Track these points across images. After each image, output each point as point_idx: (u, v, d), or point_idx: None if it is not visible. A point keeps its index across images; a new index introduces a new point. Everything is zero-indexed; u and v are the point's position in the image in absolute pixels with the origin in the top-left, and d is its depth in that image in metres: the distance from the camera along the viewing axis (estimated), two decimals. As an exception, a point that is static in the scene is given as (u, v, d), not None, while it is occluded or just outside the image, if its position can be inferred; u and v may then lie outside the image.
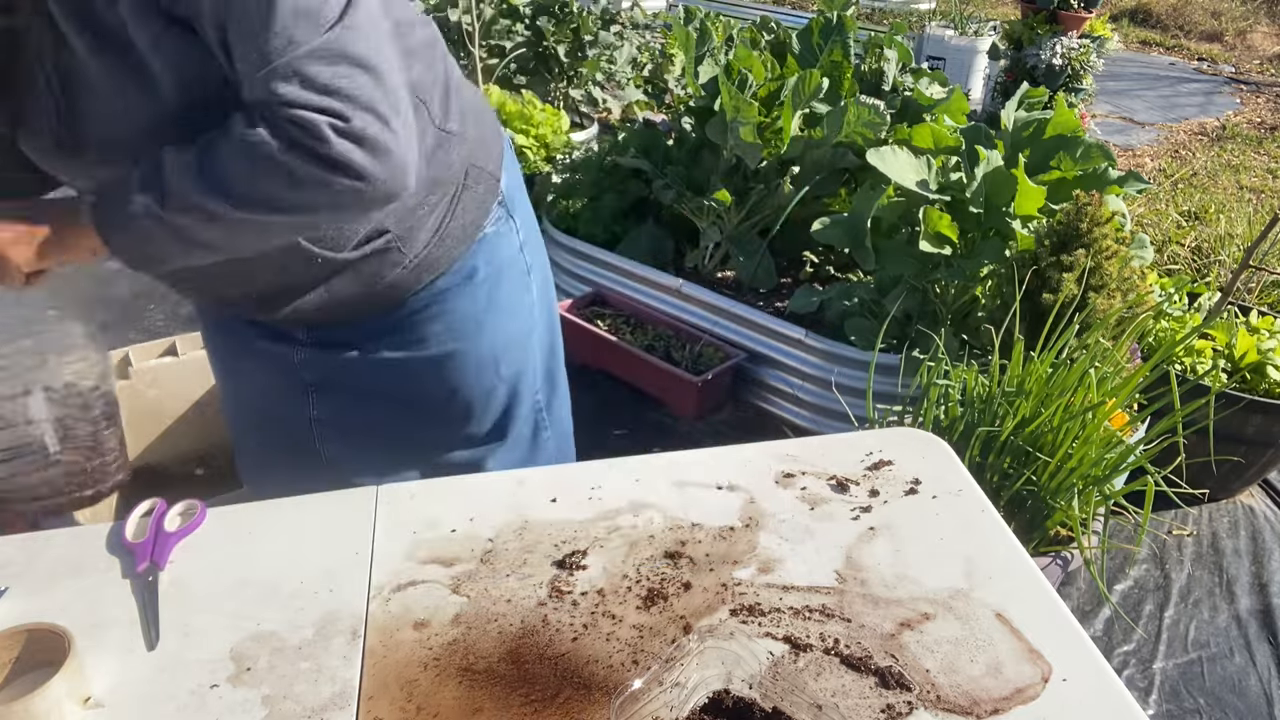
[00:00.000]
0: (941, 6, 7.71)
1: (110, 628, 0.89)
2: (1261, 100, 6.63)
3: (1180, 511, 2.56)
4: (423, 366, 1.26)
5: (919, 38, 5.88)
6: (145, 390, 2.10)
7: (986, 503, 1.09)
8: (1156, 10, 8.79)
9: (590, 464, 1.15)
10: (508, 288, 1.30)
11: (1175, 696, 2.01)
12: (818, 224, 2.64)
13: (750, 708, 0.82)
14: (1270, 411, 2.36)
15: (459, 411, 1.32)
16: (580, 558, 0.99)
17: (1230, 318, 2.67)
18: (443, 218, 1.17)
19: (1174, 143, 5.58)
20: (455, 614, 0.91)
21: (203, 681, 0.84)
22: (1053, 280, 1.99)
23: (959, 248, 2.38)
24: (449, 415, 1.32)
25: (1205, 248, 3.95)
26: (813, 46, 3.38)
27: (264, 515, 1.06)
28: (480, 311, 1.27)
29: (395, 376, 1.26)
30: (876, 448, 1.18)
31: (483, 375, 1.30)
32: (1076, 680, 0.85)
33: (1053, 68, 4.54)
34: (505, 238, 1.29)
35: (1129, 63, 7.41)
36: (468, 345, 1.27)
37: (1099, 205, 2.00)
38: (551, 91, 4.62)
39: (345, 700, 0.82)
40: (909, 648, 0.88)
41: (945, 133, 2.61)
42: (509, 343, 1.32)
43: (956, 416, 1.80)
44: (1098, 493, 1.70)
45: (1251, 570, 2.40)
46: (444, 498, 1.08)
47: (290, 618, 0.91)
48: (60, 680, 0.78)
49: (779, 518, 1.05)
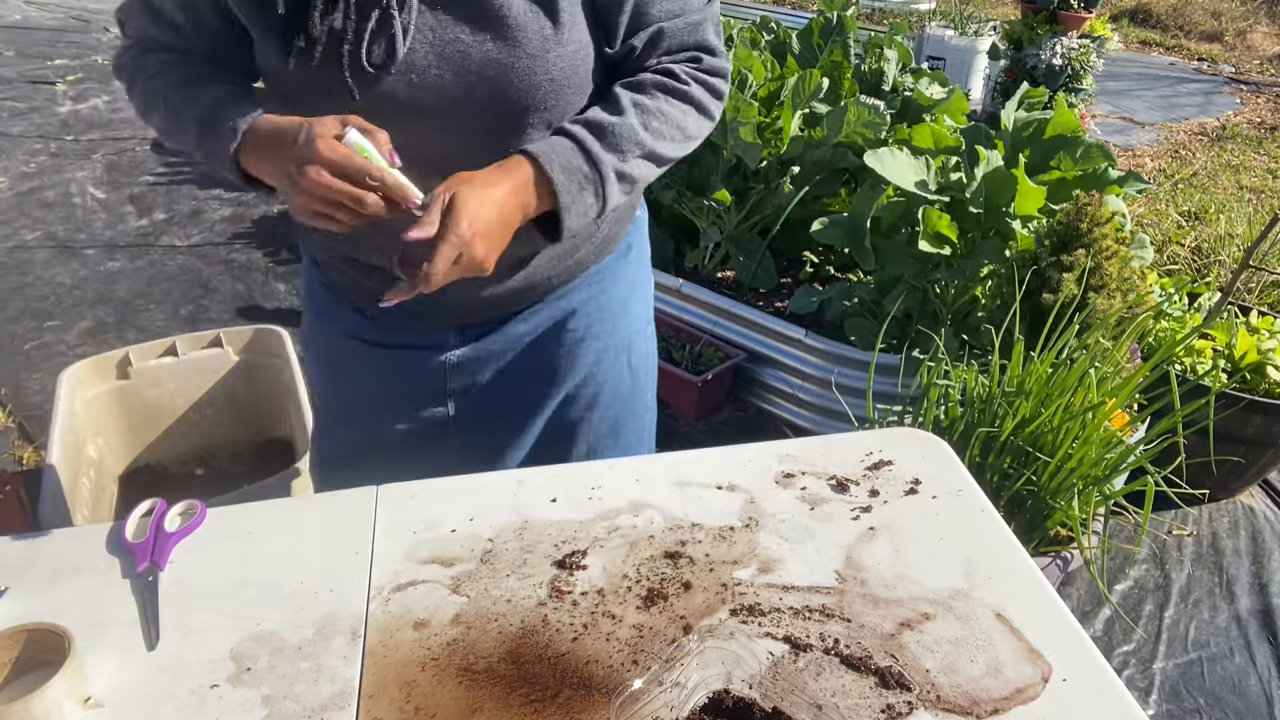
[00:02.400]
0: (941, 6, 7.71)
1: (110, 628, 0.89)
2: (1261, 100, 6.63)
3: (1180, 511, 2.56)
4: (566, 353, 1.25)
5: (919, 38, 5.88)
6: (145, 390, 2.10)
7: (986, 503, 1.09)
8: (1156, 10, 8.78)
9: (590, 464, 1.15)
10: (644, 271, 1.34)
11: (1175, 696, 2.01)
12: (818, 224, 2.64)
13: (750, 708, 0.82)
14: (1270, 411, 2.36)
15: (585, 403, 1.30)
16: (580, 558, 0.99)
17: (1230, 318, 2.67)
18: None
19: (1174, 143, 5.58)
20: (455, 614, 0.91)
21: (203, 681, 0.84)
22: (1053, 280, 1.99)
23: (959, 248, 2.38)
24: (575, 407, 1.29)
25: (1205, 248, 3.95)
26: (813, 46, 3.38)
27: (264, 515, 1.06)
28: (626, 292, 1.29)
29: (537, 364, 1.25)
30: (876, 448, 1.18)
31: (618, 362, 1.30)
32: (1076, 680, 0.85)
33: (1053, 68, 4.54)
34: (643, 219, 1.34)
35: (1129, 63, 7.41)
36: (610, 328, 1.27)
37: (1099, 205, 1.99)
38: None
39: (345, 700, 0.82)
40: (909, 648, 0.88)
41: (945, 133, 2.61)
42: (638, 331, 1.33)
43: (956, 416, 1.80)
44: (1098, 493, 1.70)
45: (1251, 570, 2.40)
46: (444, 498, 1.07)
47: (290, 618, 0.91)
48: (60, 680, 0.78)
49: (779, 518, 1.05)
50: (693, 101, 1.09)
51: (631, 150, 1.04)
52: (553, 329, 1.24)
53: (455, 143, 1.02)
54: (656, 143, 1.06)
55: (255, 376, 2.19)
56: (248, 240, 3.91)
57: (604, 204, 1.04)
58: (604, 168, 1.02)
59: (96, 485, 1.95)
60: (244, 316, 3.33)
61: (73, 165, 4.58)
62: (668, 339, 2.93)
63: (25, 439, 2.64)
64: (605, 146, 1.02)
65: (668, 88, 1.07)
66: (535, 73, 0.99)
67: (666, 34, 1.07)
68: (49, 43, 6.67)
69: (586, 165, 1.01)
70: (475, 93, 0.98)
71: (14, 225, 3.92)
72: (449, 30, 0.97)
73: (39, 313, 3.30)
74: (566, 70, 1.01)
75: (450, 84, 0.98)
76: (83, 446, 1.93)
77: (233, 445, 2.23)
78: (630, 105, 1.04)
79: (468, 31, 0.97)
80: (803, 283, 3.07)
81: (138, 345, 2.11)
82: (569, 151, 1.00)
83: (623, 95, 1.05)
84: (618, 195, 1.05)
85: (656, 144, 1.06)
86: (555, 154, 1.00)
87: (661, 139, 1.06)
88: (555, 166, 0.99)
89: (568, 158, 1.00)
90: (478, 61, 0.97)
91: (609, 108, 1.05)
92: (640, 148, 1.05)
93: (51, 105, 5.42)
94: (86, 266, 3.62)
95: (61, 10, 7.70)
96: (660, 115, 1.06)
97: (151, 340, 2.13)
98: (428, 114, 0.99)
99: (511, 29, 0.97)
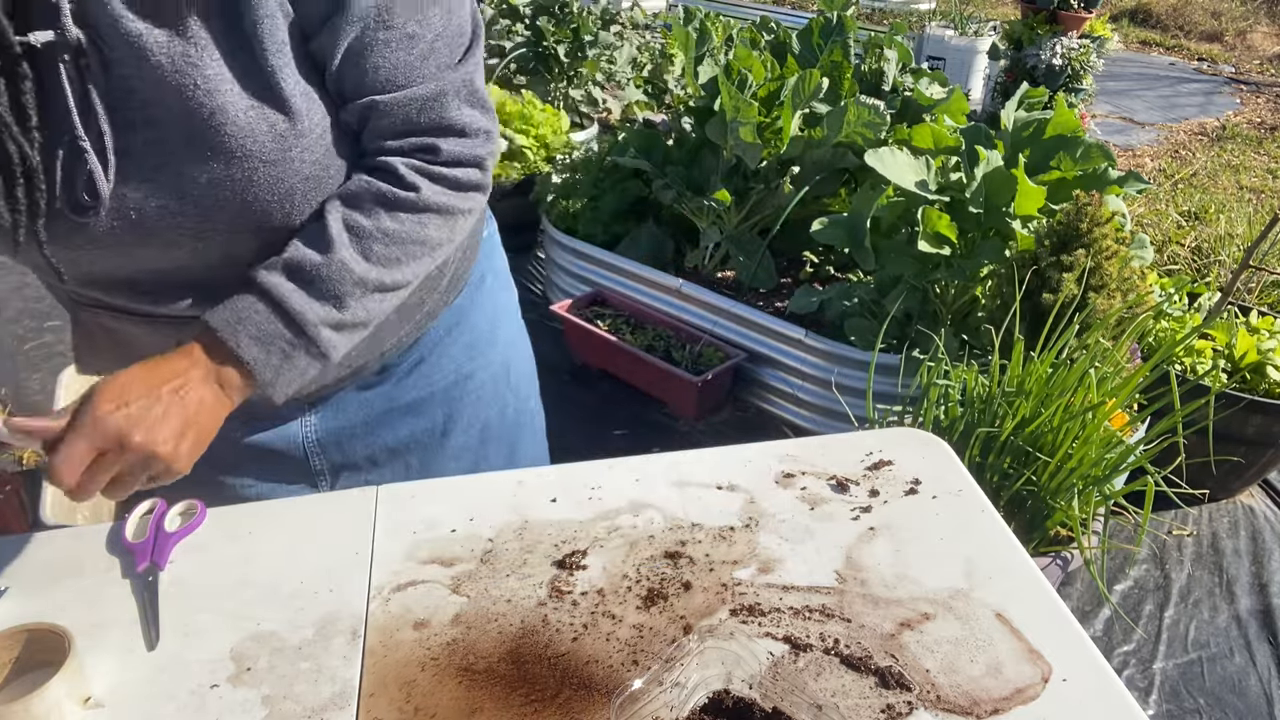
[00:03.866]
0: (941, 6, 7.71)
1: (110, 628, 0.89)
2: (1261, 100, 6.63)
3: (1180, 511, 2.56)
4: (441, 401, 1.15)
5: (919, 38, 5.88)
6: (145, 390, 2.10)
7: (986, 503, 1.09)
8: (1156, 10, 8.78)
9: (590, 464, 1.15)
10: (502, 289, 1.23)
11: (1175, 696, 2.01)
12: (817, 224, 2.64)
13: (750, 708, 0.82)
14: (1270, 411, 2.36)
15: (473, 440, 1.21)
16: (580, 558, 0.99)
17: (1230, 318, 2.67)
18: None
19: (1174, 143, 5.58)
20: (455, 614, 0.91)
21: (203, 681, 0.84)
22: (1053, 280, 1.99)
23: (959, 248, 2.38)
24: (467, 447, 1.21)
25: (1205, 248, 3.95)
26: (813, 46, 3.38)
27: (264, 515, 1.06)
28: (489, 322, 1.19)
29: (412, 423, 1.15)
30: (876, 448, 1.18)
31: (499, 392, 1.21)
32: (1076, 680, 0.85)
33: (1053, 68, 4.54)
34: (492, 237, 1.21)
35: (1129, 63, 7.41)
36: (484, 361, 1.18)
37: (1099, 205, 1.99)
38: (551, 92, 4.62)
39: (345, 700, 0.82)
40: (909, 648, 0.88)
41: (945, 133, 2.61)
42: (510, 349, 1.24)
43: (956, 416, 1.80)
44: (1098, 493, 1.70)
45: (1251, 570, 2.40)
46: (444, 498, 1.07)
47: (290, 618, 0.91)
48: (60, 680, 0.78)
49: (779, 518, 1.05)
50: (428, 208, 0.88)
51: (350, 293, 0.85)
52: (419, 382, 1.12)
53: (220, 253, 0.86)
54: (386, 272, 0.87)
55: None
56: (248, 240, 3.91)
57: (326, 358, 0.87)
58: (311, 327, 0.84)
59: (96, 485, 1.95)
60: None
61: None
62: (668, 339, 2.93)
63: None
64: (312, 295, 0.84)
65: (388, 199, 0.86)
66: (283, 180, 0.82)
67: (381, 110, 0.85)
68: (49, 42, 6.66)
69: (287, 329, 0.84)
70: (216, 216, 0.82)
71: (14, 225, 3.92)
72: (159, 158, 0.79)
73: (39, 313, 3.30)
74: (321, 159, 0.84)
75: (181, 213, 0.81)
76: (83, 446, 1.93)
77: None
78: (340, 234, 0.85)
79: (181, 157, 0.79)
80: (803, 283, 3.07)
81: (138, 345, 2.10)
82: (262, 317, 0.83)
83: (332, 219, 0.85)
84: (344, 345, 0.88)
85: (386, 273, 0.87)
86: (242, 323, 0.82)
87: (392, 265, 0.88)
88: (244, 339, 0.82)
89: (260, 325, 0.83)
90: (204, 185, 0.80)
91: (315, 240, 0.85)
92: (362, 286, 0.86)
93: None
94: (86, 266, 3.62)
95: (61, 10, 7.69)
96: (384, 237, 0.86)
97: (151, 340, 2.13)
98: (171, 245, 0.83)
99: (235, 141, 0.78)
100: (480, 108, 0.91)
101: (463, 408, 1.18)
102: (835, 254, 3.13)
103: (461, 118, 0.89)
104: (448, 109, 0.88)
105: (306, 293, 0.84)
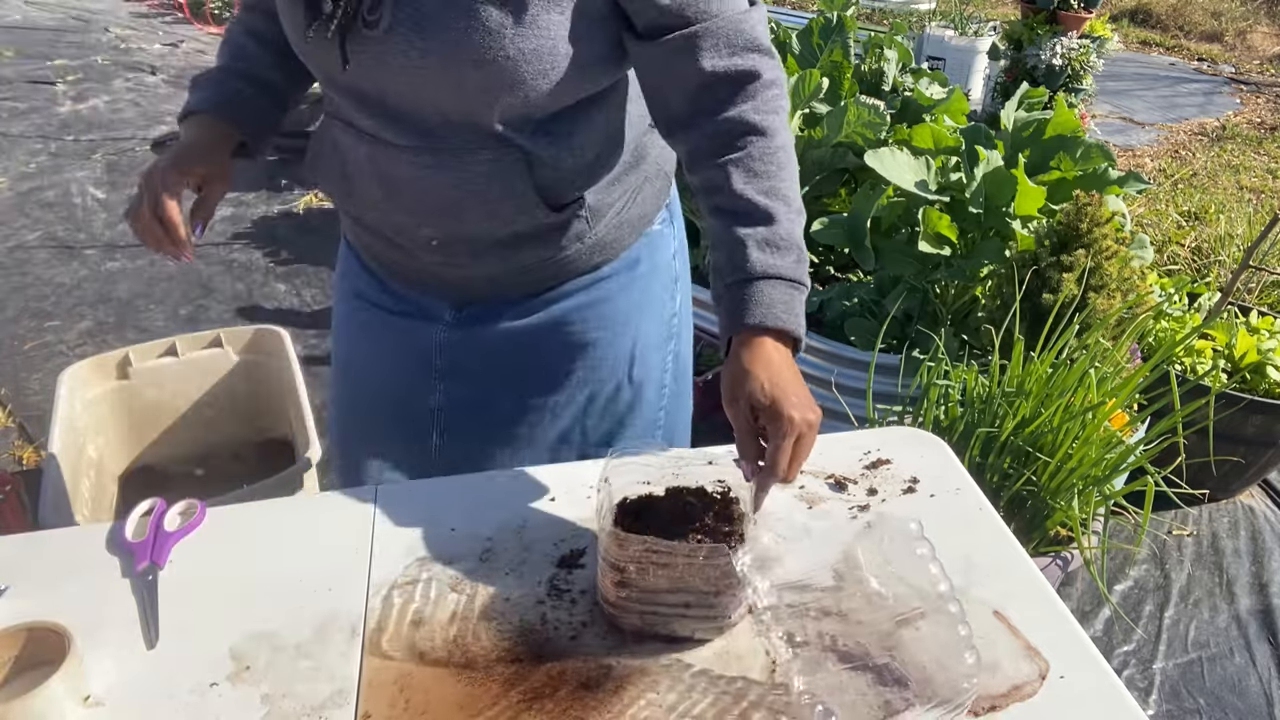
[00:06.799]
0: (941, 6, 7.71)
1: (110, 627, 0.89)
2: (1261, 100, 6.63)
3: (1180, 511, 2.56)
4: (560, 353, 1.24)
5: (919, 38, 5.88)
6: (145, 390, 2.10)
7: (984, 501, 1.09)
8: (1156, 10, 8.78)
9: (590, 463, 1.15)
10: (658, 290, 1.31)
11: (1175, 696, 2.01)
12: (817, 224, 2.64)
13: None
14: (1270, 411, 2.36)
15: (578, 409, 1.28)
16: (579, 556, 0.99)
17: (1230, 318, 2.67)
18: (627, 202, 1.20)
19: (1174, 143, 5.58)
20: (454, 612, 0.92)
21: (202, 680, 0.84)
22: (1053, 280, 1.99)
23: (959, 248, 2.38)
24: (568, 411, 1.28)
25: (1205, 248, 3.95)
26: (813, 46, 3.38)
27: (264, 515, 1.06)
28: (632, 307, 1.26)
29: (529, 361, 1.24)
30: (874, 446, 1.18)
31: (615, 372, 1.28)
32: (1074, 678, 0.86)
33: (1053, 68, 4.54)
34: (666, 239, 1.31)
35: (1129, 63, 7.41)
36: (610, 337, 1.25)
37: (1099, 205, 2.00)
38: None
39: (344, 698, 0.82)
40: (906, 645, 0.88)
41: (945, 133, 2.61)
42: (646, 348, 1.30)
43: (956, 417, 1.80)
44: (1098, 493, 1.70)
45: (1251, 570, 2.40)
46: (443, 496, 1.08)
47: (289, 616, 0.91)
48: (60, 679, 0.78)
49: (777, 516, 1.05)
50: (784, 143, 1.03)
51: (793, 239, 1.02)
52: (548, 327, 1.23)
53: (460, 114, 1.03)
54: (793, 197, 1.03)
55: (255, 376, 2.19)
56: (248, 240, 3.91)
57: (807, 281, 1.03)
58: (795, 272, 1.01)
59: (96, 485, 1.95)
60: (244, 317, 3.33)
61: (73, 165, 4.58)
62: (668, 339, 2.94)
63: (25, 439, 2.64)
64: (785, 256, 1.00)
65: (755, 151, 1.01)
66: (491, 47, 0.96)
67: (707, 36, 0.98)
68: (49, 43, 6.67)
69: (789, 286, 1.00)
70: (451, 70, 0.97)
71: (14, 225, 3.93)
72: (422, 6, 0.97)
73: (39, 313, 3.30)
74: (526, 53, 0.96)
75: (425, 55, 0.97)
76: (83, 447, 1.93)
77: (233, 445, 2.23)
78: (766, 203, 1.01)
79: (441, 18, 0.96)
80: (803, 283, 3.07)
81: (138, 345, 2.10)
82: (777, 291, 0.99)
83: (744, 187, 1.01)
84: (805, 266, 1.03)
85: (793, 197, 1.03)
86: (769, 309, 0.99)
87: (792, 192, 1.03)
88: (772, 318, 0.98)
89: (775, 297, 0.99)
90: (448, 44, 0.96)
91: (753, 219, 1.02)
92: (800, 216, 1.03)
93: (51, 105, 5.42)
94: (86, 266, 3.62)
95: (61, 10, 7.71)
96: (775, 173, 1.02)
97: (151, 340, 2.13)
98: (419, 85, 1.00)
99: (478, 20, 0.95)
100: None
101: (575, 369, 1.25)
102: (835, 254, 3.12)
103: (767, 37, 1.04)
104: (757, 30, 1.01)
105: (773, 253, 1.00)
